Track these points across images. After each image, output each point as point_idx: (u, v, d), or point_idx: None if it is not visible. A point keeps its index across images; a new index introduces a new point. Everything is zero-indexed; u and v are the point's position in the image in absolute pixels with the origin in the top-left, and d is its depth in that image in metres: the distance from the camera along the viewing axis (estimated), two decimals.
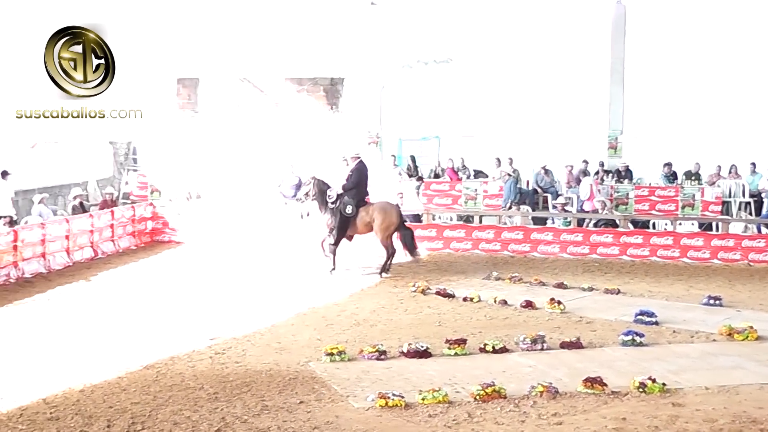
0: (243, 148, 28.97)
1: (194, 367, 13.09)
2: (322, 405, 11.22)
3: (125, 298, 18.36)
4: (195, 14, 28.48)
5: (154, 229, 26.61)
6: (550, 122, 29.63)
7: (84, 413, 10.96)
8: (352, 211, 21.32)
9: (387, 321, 16.20)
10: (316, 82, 30.22)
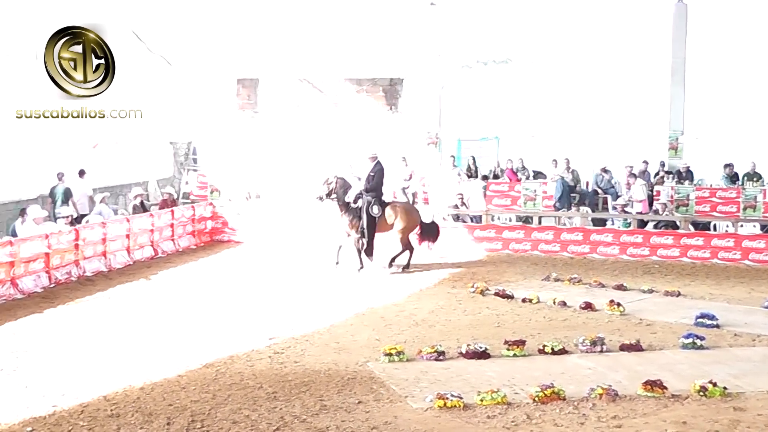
0: (302, 148, 29.07)
1: (253, 366, 13.15)
2: (380, 405, 11.22)
3: (185, 297, 18.50)
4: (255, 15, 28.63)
5: (214, 228, 26.79)
6: (610, 122, 29.39)
7: (144, 410, 11.07)
8: (379, 211, 21.71)
9: (445, 321, 16.16)
10: (375, 83, 30.25)
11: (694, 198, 25.27)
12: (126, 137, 28.72)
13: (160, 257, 23.54)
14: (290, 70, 29.91)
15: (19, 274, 18.56)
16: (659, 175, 27.59)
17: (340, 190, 21.89)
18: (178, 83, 30.00)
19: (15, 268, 18.45)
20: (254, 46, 29.35)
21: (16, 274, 18.49)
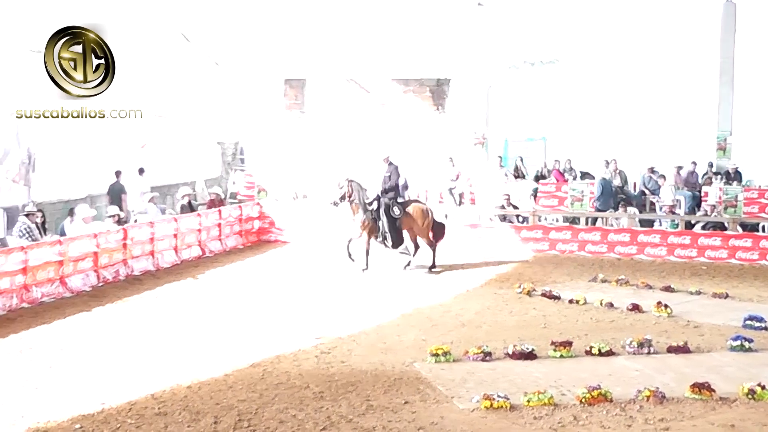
0: (349, 149, 29.11)
1: (300, 366, 13.18)
2: (427, 405, 11.21)
3: (232, 296, 18.59)
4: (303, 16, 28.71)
5: (261, 228, 26.89)
6: (658, 123, 29.16)
7: (191, 409, 11.13)
8: (400, 212, 21.79)
9: (492, 322, 16.12)
10: (422, 83, 30.25)
11: (742, 199, 24.99)
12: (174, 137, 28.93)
13: (207, 257, 23.66)
14: (337, 70, 29.99)
15: (68, 272, 18.76)
16: (707, 175, 27.34)
17: (357, 193, 21.89)
18: (225, 84, 30.15)
19: (64, 266, 18.65)
20: (302, 47, 29.44)
21: (65, 273, 18.69)
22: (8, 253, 17.37)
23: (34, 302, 17.64)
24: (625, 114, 29.53)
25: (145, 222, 22.10)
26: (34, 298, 17.68)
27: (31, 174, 22.46)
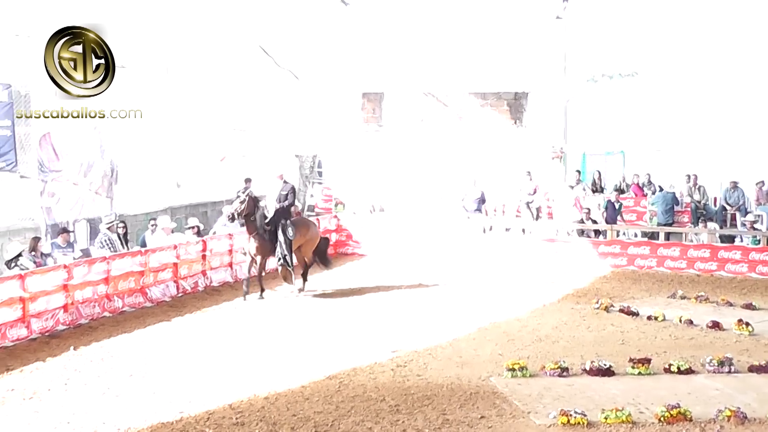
0: (426, 162, 29.16)
1: (376, 378, 13.23)
2: (503, 420, 11.19)
3: (309, 308, 18.69)
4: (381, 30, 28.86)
5: (338, 241, 26.98)
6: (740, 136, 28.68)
7: (268, 420, 11.23)
8: (293, 233, 20.12)
9: (569, 338, 16.02)
10: (499, 97, 30.21)
11: None
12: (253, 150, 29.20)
13: None
14: (415, 84, 30.06)
15: (148, 283, 19.05)
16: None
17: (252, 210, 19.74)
18: (304, 97, 30.38)
19: (144, 277, 18.94)
20: (379, 61, 29.57)
21: (146, 283, 18.98)
22: (92, 263, 17.69)
23: (116, 312, 17.94)
24: (706, 127, 29.11)
25: (224, 234, 22.29)
26: (115, 307, 17.98)
27: (113, 186, 22.84)
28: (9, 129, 19.57)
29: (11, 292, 15.63)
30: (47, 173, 20.60)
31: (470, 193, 27.04)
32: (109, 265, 18.02)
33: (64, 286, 16.83)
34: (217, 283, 21.17)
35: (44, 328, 16.25)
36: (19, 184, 20.39)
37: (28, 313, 15.90)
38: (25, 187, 20.50)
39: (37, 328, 16.09)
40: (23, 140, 20.18)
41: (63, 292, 16.81)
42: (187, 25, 24.52)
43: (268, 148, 30.01)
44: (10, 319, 15.54)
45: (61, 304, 16.74)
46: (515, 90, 30.31)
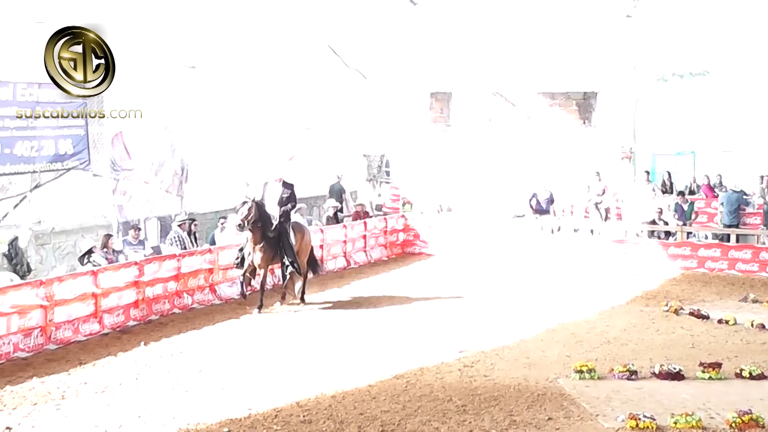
0: (494, 162, 29.09)
1: (443, 378, 13.25)
2: (570, 423, 11.15)
3: (376, 307, 18.73)
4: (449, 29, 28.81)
5: (406, 240, 27.00)
6: None
7: (335, 418, 11.31)
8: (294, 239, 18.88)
9: (638, 340, 15.89)
10: (568, 96, 30.01)
11: None
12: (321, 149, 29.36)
13: (352, 268, 23.91)
14: (483, 83, 29.98)
15: (217, 280, 19.25)
16: None
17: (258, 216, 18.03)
18: (372, 97, 30.45)
19: (213, 274, 19.12)
20: (448, 60, 29.53)
21: (215, 281, 19.19)
22: (162, 260, 17.92)
23: (185, 308, 18.17)
24: None
25: None
26: (185, 304, 18.21)
27: (184, 185, 23.09)
28: (82, 128, 19.88)
29: (84, 288, 15.92)
30: (119, 172, 20.89)
31: (539, 194, 26.90)
32: (179, 263, 18.26)
33: (136, 282, 17.10)
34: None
35: (116, 323, 16.53)
36: (92, 183, 20.75)
37: (100, 309, 16.19)
38: (98, 186, 20.84)
39: (109, 324, 16.38)
40: (96, 139, 20.50)
41: (134, 289, 17.06)
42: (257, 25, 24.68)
43: (336, 148, 30.15)
44: (83, 314, 15.87)
45: (132, 300, 17.01)
46: (584, 89, 30.08)
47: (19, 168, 18.66)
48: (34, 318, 14.95)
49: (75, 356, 14.63)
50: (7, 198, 19.26)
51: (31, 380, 13.19)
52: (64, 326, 15.48)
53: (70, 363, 14.19)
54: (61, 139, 19.46)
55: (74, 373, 13.66)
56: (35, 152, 18.83)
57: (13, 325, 14.55)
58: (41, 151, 18.97)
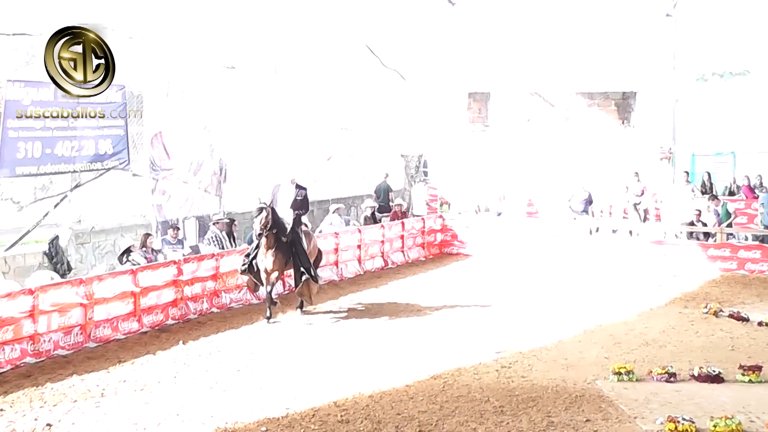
0: (532, 162, 29.01)
1: (480, 379, 13.23)
2: (609, 425, 11.10)
3: (413, 308, 18.72)
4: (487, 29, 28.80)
5: (443, 241, 26.97)
6: None
7: (373, 418, 11.33)
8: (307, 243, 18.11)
9: (677, 342, 15.76)
10: (607, 96, 29.90)
11: None
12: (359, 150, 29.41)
13: (390, 268, 23.91)
14: (521, 83, 29.93)
15: None
16: None
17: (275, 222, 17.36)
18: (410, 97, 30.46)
19: None
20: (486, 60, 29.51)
21: None
22: (201, 259, 18.02)
23: (224, 307, 18.25)
24: None
25: (330, 233, 22.48)
26: (223, 303, 18.29)
27: (222, 184, 23.20)
28: (122, 128, 20.03)
29: (124, 287, 16.05)
30: (158, 171, 21.03)
31: (577, 194, 26.82)
32: (217, 262, 18.34)
33: (174, 281, 17.21)
34: (323, 282, 21.28)
35: (154, 322, 16.67)
36: (131, 182, 20.89)
37: (139, 307, 16.31)
38: (137, 185, 20.99)
39: (148, 322, 16.51)
40: (135, 139, 20.65)
41: (173, 288, 17.18)
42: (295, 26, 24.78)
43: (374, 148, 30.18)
44: (122, 312, 16.00)
45: (171, 299, 17.13)
46: (623, 89, 29.96)
47: (59, 168, 18.83)
48: (75, 316, 15.10)
49: (114, 354, 14.76)
50: (48, 197, 19.44)
51: (71, 378, 13.32)
52: (104, 324, 15.63)
53: (110, 361, 14.32)
54: (101, 139, 19.63)
55: (113, 371, 13.78)
56: (76, 152, 19.00)
57: (53, 323, 14.71)
58: (81, 151, 19.14)
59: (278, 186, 18.16)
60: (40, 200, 19.38)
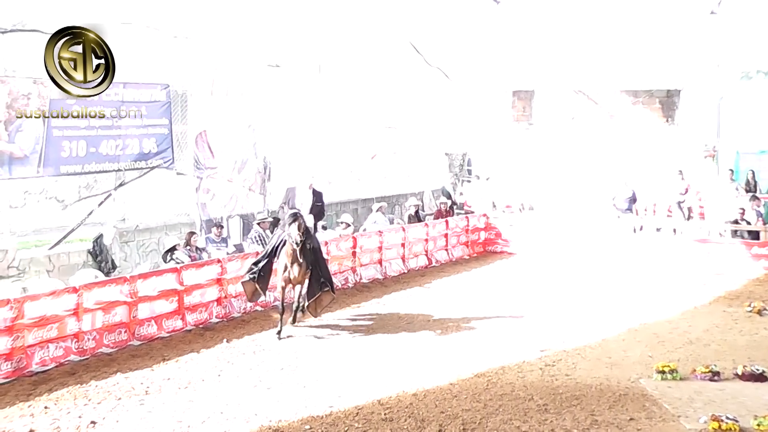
0: (576, 161, 28.91)
1: (524, 377, 13.24)
2: (652, 424, 11.08)
3: (457, 306, 18.71)
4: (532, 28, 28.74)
5: (487, 239, 26.89)
6: None
7: (417, 416, 11.37)
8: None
9: (721, 341, 15.68)
10: (651, 94, 29.73)
11: None
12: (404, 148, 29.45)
13: (433, 266, 23.89)
14: (565, 81, 29.84)
15: None
16: None
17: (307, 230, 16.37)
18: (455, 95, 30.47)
19: None
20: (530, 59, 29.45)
21: None
22: (245, 258, 18.08)
23: (267, 306, 18.26)
24: None
25: (374, 231, 22.51)
26: (266, 302, 18.30)
27: (266, 183, 23.31)
28: (167, 127, 20.20)
29: (168, 285, 16.16)
30: (203, 170, 21.19)
31: (621, 192, 26.69)
32: None
33: (218, 280, 17.30)
34: (367, 280, 21.35)
35: (198, 320, 16.76)
36: (175, 181, 21.06)
37: (183, 306, 16.41)
38: (182, 184, 21.15)
39: (192, 320, 16.61)
40: (180, 138, 20.84)
41: (217, 286, 17.27)
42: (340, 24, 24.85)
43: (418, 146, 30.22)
44: (166, 310, 16.11)
45: (215, 297, 17.22)
46: (667, 87, 29.77)
47: (104, 166, 19.03)
48: (119, 314, 15.24)
49: (158, 352, 14.88)
50: (93, 196, 19.64)
51: (115, 375, 13.45)
52: (148, 323, 15.74)
53: (154, 359, 14.44)
54: (146, 138, 19.81)
55: (157, 369, 13.90)
56: (120, 151, 19.19)
57: (97, 321, 14.85)
58: (126, 149, 19.33)
59: (293, 189, 17.47)
60: (84, 199, 19.59)
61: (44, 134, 17.55)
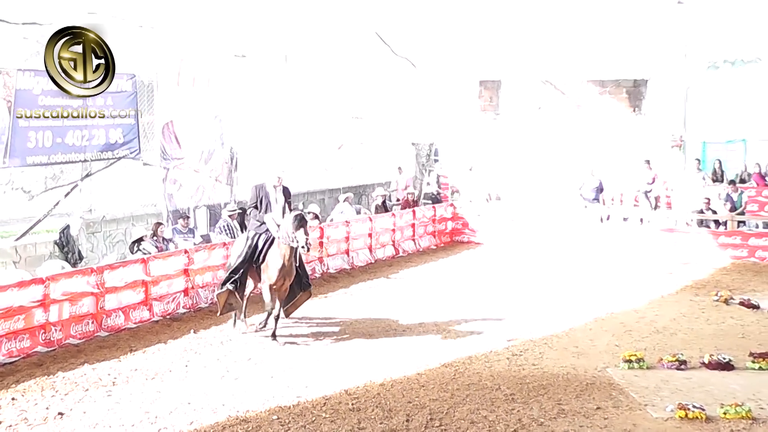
0: (543, 150, 28.95)
1: (491, 367, 13.27)
2: (619, 412, 11.13)
3: (424, 296, 18.75)
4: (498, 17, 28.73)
5: (454, 229, 26.97)
6: None
7: (384, 406, 11.37)
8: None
9: (687, 330, 15.78)
10: (618, 84, 29.80)
11: None
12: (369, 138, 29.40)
13: (401, 256, 23.91)
14: (532, 71, 29.85)
15: None
16: None
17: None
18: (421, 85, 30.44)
19: None
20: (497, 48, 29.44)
21: None
22: (212, 248, 18.04)
23: None
24: None
25: (341, 221, 22.49)
26: None
27: (233, 173, 23.22)
28: (133, 118, 20.05)
29: (135, 276, 16.09)
30: (169, 161, 21.04)
31: (588, 182, 26.80)
32: (228, 251, 18.29)
33: (185, 270, 17.24)
34: (334, 270, 21.34)
35: (166, 311, 16.70)
36: (142, 172, 20.94)
37: (150, 296, 16.34)
38: (148, 174, 21.02)
39: (159, 311, 16.54)
40: (146, 129, 20.70)
41: (184, 277, 17.20)
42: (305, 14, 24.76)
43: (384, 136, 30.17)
44: (133, 301, 16.02)
45: (182, 288, 17.15)
46: (634, 77, 29.84)
47: (70, 157, 18.86)
48: (86, 305, 15.13)
49: (126, 343, 14.80)
50: (59, 187, 19.50)
51: (82, 367, 13.36)
52: (115, 313, 15.65)
53: (121, 350, 14.36)
54: (112, 128, 19.65)
55: (125, 360, 13.82)
56: (86, 141, 19.02)
57: (64, 312, 14.73)
58: (92, 140, 19.16)
59: (261, 187, 15.69)
60: (50, 190, 19.44)
61: (10, 125, 17.38)
